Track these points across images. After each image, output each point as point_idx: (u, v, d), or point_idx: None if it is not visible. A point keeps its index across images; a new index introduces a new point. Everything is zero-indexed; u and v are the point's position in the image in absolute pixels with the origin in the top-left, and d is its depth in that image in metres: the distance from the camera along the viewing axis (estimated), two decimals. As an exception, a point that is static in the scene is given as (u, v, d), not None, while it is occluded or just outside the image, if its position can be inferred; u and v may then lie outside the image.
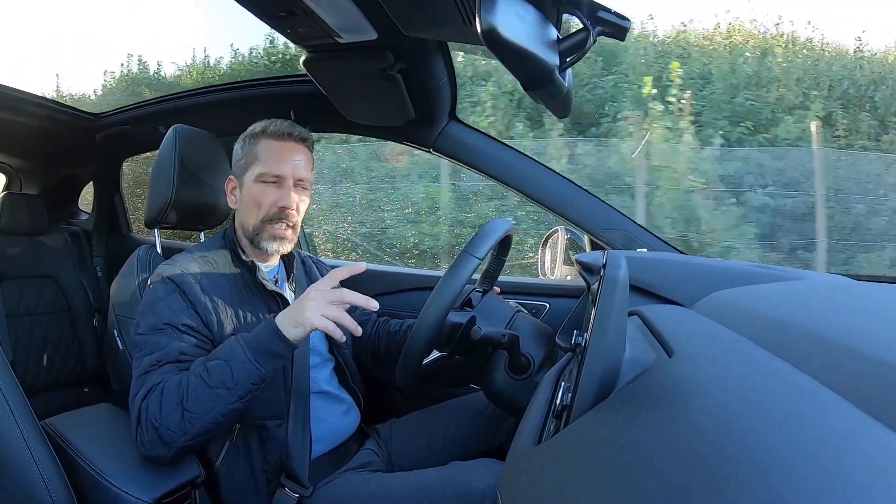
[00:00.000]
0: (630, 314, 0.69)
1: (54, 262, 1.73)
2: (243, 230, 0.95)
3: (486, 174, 1.21)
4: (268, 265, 1.00)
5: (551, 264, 1.34)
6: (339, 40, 0.91)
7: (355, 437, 1.03)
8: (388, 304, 1.26)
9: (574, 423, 0.43)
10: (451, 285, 0.76)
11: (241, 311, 0.90)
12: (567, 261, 1.27)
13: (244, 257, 0.94)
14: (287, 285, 1.03)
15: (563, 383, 0.56)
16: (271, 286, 0.94)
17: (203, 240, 1.15)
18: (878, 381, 0.33)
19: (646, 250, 1.12)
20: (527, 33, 0.48)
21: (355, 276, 0.81)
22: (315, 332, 0.79)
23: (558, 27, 0.55)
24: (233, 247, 0.95)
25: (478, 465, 0.85)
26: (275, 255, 0.99)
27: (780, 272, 0.85)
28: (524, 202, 3.50)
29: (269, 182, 0.92)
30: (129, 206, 1.95)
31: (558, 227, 1.32)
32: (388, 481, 0.88)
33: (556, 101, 0.59)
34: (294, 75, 1.26)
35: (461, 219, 4.00)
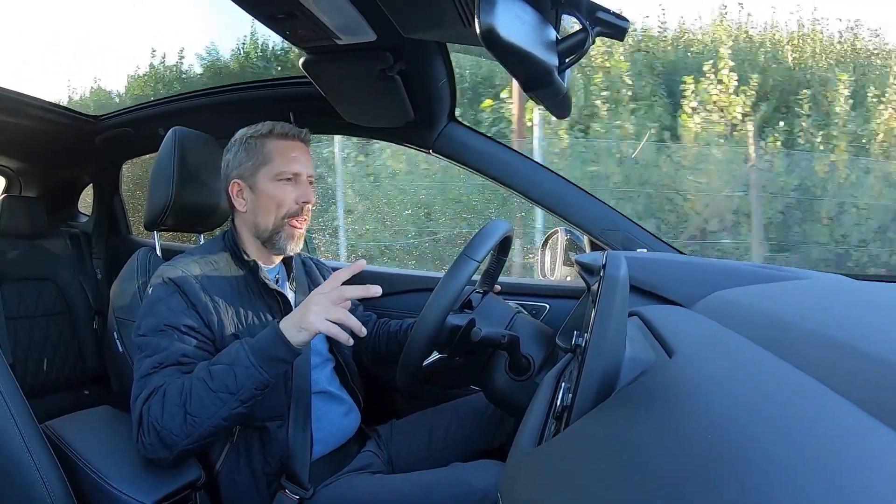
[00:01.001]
0: (630, 314, 0.69)
1: (54, 265, 1.72)
2: (256, 231, 0.95)
3: (486, 175, 1.21)
4: (269, 265, 1.00)
5: (551, 265, 1.34)
6: (338, 42, 0.91)
7: (356, 439, 1.03)
8: (389, 305, 1.26)
9: (574, 423, 0.43)
10: (450, 287, 0.77)
11: (242, 311, 0.90)
12: (567, 262, 1.27)
13: (246, 258, 0.94)
14: (288, 285, 1.03)
15: (563, 384, 0.55)
16: (273, 285, 0.94)
17: (202, 242, 1.15)
18: (879, 381, 0.33)
19: (646, 250, 1.12)
20: (526, 34, 0.48)
21: (355, 275, 0.81)
22: None
23: (557, 28, 0.55)
24: (234, 248, 0.95)
25: (478, 467, 0.85)
26: (279, 256, 1.00)
27: (781, 272, 0.85)
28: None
29: (286, 180, 0.94)
30: (128, 208, 1.95)
31: (558, 228, 1.33)
32: (389, 482, 0.89)
33: (556, 102, 0.59)
34: (293, 77, 1.26)
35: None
